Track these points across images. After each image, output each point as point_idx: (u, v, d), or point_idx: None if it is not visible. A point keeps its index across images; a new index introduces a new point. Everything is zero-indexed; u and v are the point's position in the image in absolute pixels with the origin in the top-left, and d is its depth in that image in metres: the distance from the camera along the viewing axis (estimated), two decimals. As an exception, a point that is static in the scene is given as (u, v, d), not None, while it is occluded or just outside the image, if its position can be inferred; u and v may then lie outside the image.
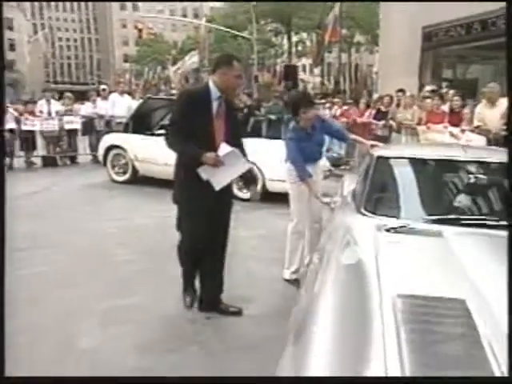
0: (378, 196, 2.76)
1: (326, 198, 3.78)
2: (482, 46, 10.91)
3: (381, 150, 3.02)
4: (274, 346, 1.77)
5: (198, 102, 2.95)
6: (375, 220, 2.52)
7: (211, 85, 2.99)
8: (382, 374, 1.29)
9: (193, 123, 2.90)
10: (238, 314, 3.30)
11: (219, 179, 2.94)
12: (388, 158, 2.95)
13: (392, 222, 2.44)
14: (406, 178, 2.83)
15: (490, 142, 6.46)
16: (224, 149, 2.96)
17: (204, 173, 2.89)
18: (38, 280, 3.92)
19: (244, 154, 3.16)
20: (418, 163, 2.86)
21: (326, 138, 4.29)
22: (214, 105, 2.98)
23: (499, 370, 1.30)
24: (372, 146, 3.69)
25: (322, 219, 3.96)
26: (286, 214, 5.85)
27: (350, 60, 35.90)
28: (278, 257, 4.13)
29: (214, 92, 2.97)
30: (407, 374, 1.29)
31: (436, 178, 2.86)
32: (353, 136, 4.40)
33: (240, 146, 3.15)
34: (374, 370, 1.31)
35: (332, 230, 2.63)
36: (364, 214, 2.61)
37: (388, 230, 2.37)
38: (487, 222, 2.42)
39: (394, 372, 1.29)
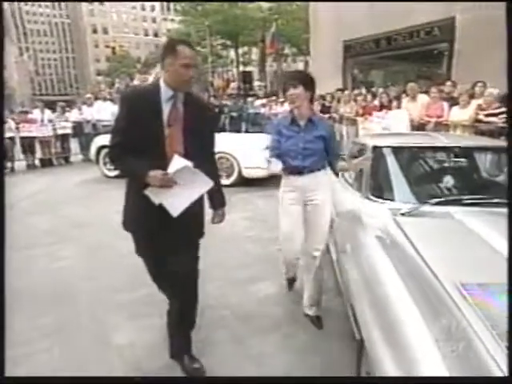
0: (381, 182, 2.35)
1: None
2: (385, 56, 10.98)
3: (375, 140, 2.58)
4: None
5: (145, 105, 1.72)
6: (385, 205, 2.12)
7: (162, 83, 1.76)
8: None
9: (138, 132, 1.69)
10: (199, 370, 1.96)
11: (175, 203, 1.72)
12: (382, 147, 2.51)
13: (404, 206, 2.04)
14: (402, 165, 2.43)
15: (412, 128, 6.27)
16: (176, 163, 1.68)
17: (154, 196, 1.71)
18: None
19: (214, 169, 1.98)
20: (411, 151, 2.46)
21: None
22: (166, 107, 1.74)
23: None
24: None
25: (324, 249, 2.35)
26: (266, 196, 5.40)
27: (281, 67, 35.40)
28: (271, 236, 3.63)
29: (165, 91, 1.74)
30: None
31: (427, 164, 2.48)
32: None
33: (207, 159, 1.89)
34: None
35: (344, 216, 2.18)
36: (371, 200, 2.20)
37: (403, 214, 1.99)
38: (483, 201, 2.08)
39: None
